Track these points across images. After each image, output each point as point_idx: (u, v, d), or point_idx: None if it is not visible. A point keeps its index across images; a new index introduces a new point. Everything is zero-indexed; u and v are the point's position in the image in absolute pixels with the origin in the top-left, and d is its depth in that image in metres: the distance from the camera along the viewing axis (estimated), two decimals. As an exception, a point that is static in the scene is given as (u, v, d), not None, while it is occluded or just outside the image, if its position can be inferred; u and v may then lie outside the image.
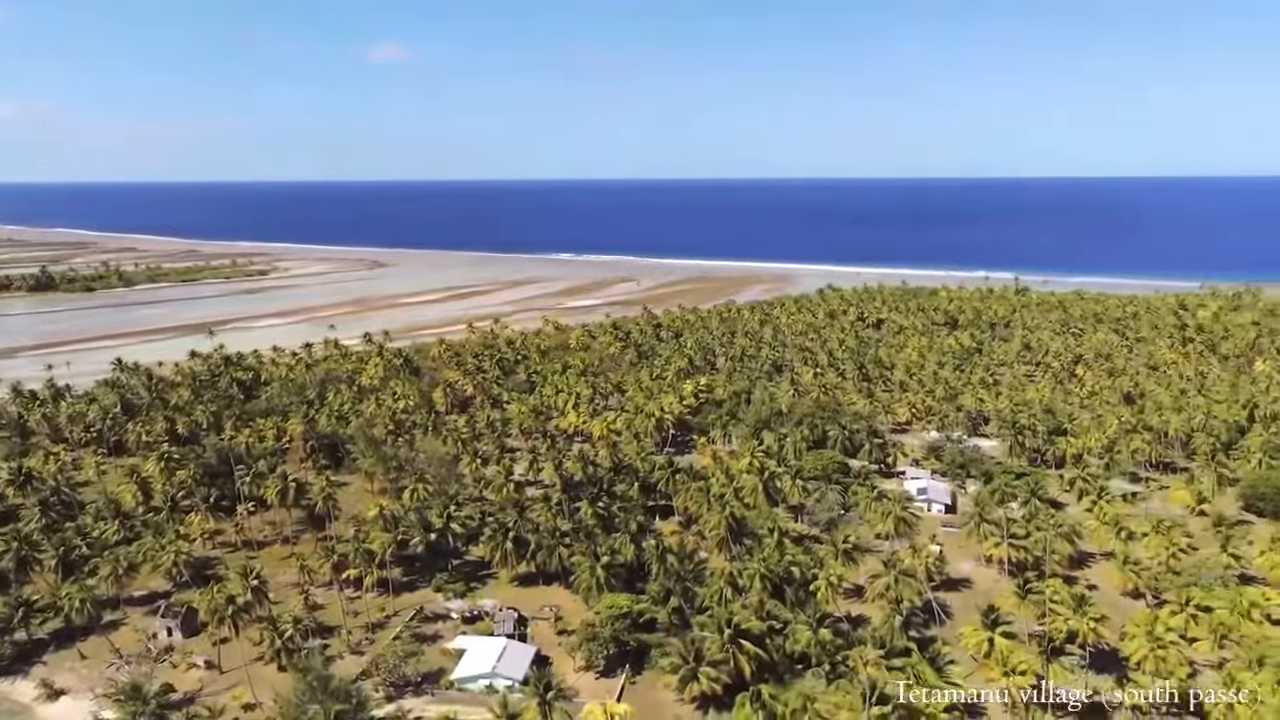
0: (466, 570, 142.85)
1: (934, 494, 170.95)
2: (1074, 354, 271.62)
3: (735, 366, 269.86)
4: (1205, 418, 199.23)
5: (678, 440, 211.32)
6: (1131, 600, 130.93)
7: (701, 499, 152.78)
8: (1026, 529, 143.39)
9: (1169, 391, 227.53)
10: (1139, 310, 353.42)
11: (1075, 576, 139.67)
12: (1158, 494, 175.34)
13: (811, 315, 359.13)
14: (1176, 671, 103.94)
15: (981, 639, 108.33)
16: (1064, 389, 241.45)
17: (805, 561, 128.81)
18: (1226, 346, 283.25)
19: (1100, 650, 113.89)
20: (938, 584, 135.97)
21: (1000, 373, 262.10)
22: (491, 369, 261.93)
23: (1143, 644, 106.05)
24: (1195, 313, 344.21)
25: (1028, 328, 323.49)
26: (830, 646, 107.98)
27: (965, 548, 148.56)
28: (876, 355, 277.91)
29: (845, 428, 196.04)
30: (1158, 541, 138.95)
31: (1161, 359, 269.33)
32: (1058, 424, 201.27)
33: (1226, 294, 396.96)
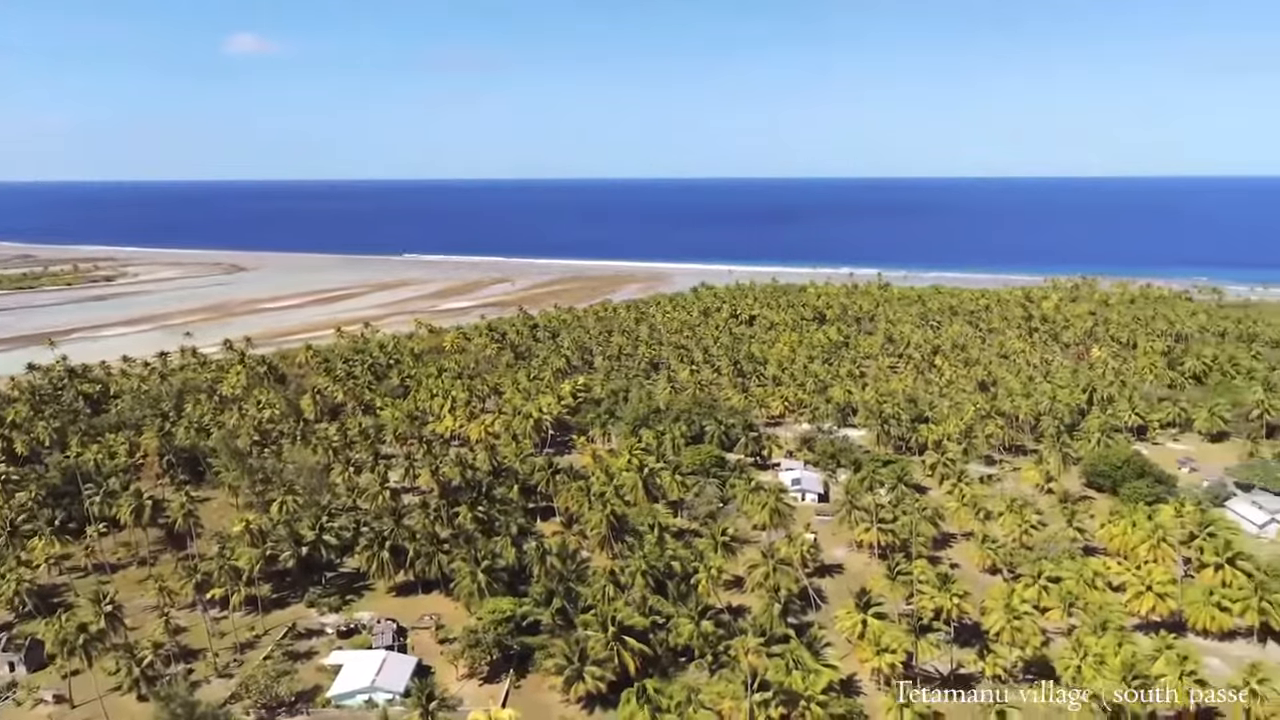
0: (341, 583, 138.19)
1: (807, 484, 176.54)
2: (933, 345, 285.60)
3: (613, 365, 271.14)
4: (1051, 402, 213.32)
5: (557, 440, 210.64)
6: (990, 576, 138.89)
7: (582, 498, 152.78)
8: (894, 514, 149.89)
9: (1018, 378, 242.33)
10: (990, 303, 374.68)
11: (939, 556, 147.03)
12: (1010, 475, 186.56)
13: (686, 313, 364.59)
14: (1031, 640, 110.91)
15: (855, 621, 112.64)
16: (924, 379, 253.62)
17: (686, 555, 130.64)
18: (1067, 335, 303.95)
19: (964, 624, 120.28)
20: (813, 571, 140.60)
21: (866, 365, 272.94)
22: (363, 374, 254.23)
23: (1001, 616, 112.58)
24: (1039, 304, 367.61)
25: (890, 321, 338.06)
26: (712, 638, 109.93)
27: (838, 534, 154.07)
28: (750, 351, 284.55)
29: (722, 423, 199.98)
30: (1012, 520, 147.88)
31: (1011, 348, 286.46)
32: (920, 412, 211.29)
33: (1066, 286, 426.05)
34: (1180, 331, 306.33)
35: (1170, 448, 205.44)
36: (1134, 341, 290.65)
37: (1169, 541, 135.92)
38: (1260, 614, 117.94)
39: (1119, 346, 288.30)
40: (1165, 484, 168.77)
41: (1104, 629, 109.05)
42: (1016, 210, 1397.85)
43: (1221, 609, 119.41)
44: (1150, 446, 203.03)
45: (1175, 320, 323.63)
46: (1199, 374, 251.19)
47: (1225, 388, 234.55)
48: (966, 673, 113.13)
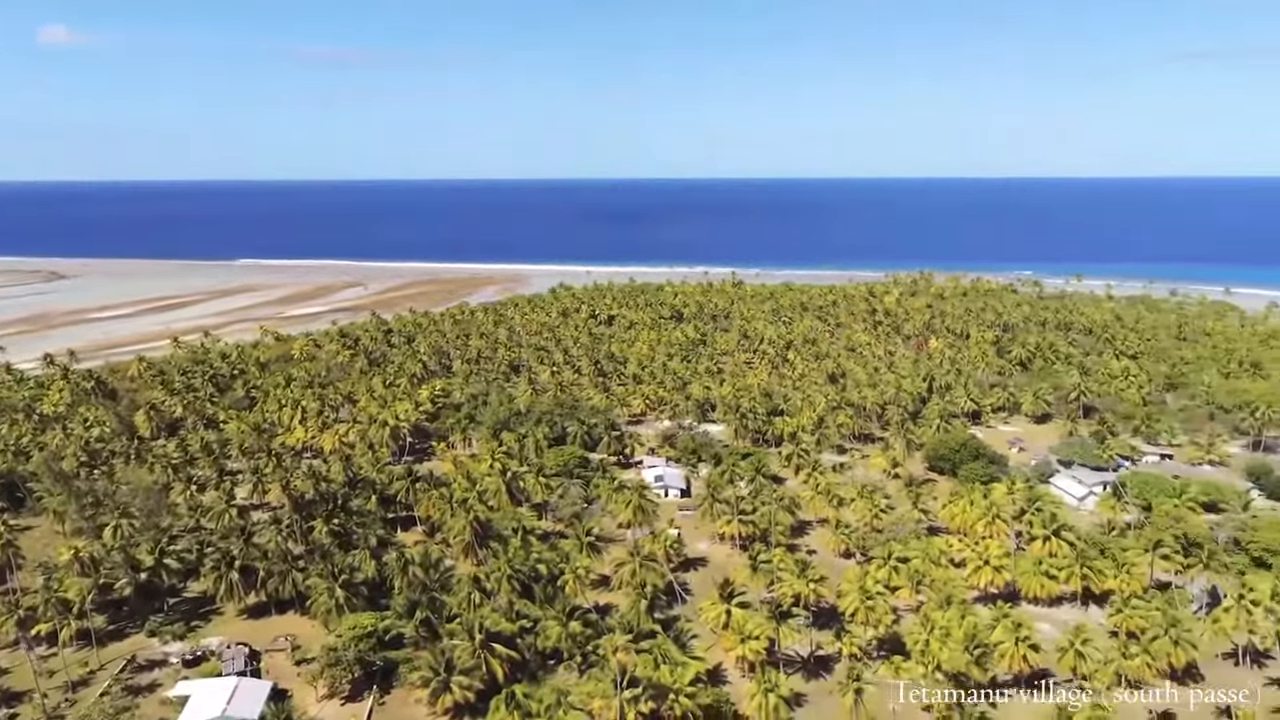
0: (186, 609, 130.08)
1: (670, 480, 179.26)
2: (785, 341, 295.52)
3: (472, 369, 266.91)
4: (895, 392, 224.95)
5: (416, 448, 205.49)
6: (844, 560, 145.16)
7: (444, 505, 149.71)
8: (753, 505, 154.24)
9: (865, 370, 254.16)
10: (837, 299, 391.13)
11: (797, 544, 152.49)
12: (860, 462, 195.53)
13: (545, 314, 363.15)
14: (884, 619, 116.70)
15: (720, 611, 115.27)
16: (779, 373, 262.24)
17: (552, 557, 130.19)
18: (908, 328, 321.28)
19: (822, 608, 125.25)
20: (678, 565, 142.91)
21: (723, 361, 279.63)
22: (204, 386, 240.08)
23: (855, 598, 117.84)
24: (882, 299, 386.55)
25: (745, 318, 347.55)
26: (581, 638, 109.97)
27: (701, 528, 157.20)
28: (610, 350, 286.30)
29: (584, 423, 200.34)
30: (863, 505, 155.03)
31: (858, 341, 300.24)
32: (775, 406, 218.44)
33: (906, 282, 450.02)
34: (1007, 322, 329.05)
35: (1001, 430, 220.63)
36: (967, 332, 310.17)
37: (1002, 518, 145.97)
38: (1082, 580, 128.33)
39: (954, 337, 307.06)
40: (998, 464, 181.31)
41: (948, 603, 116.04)
42: (861, 209, 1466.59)
43: (1050, 577, 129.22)
44: (984, 429, 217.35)
45: (1002, 311, 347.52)
46: (1024, 361, 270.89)
47: (1047, 373, 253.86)
48: (825, 654, 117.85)
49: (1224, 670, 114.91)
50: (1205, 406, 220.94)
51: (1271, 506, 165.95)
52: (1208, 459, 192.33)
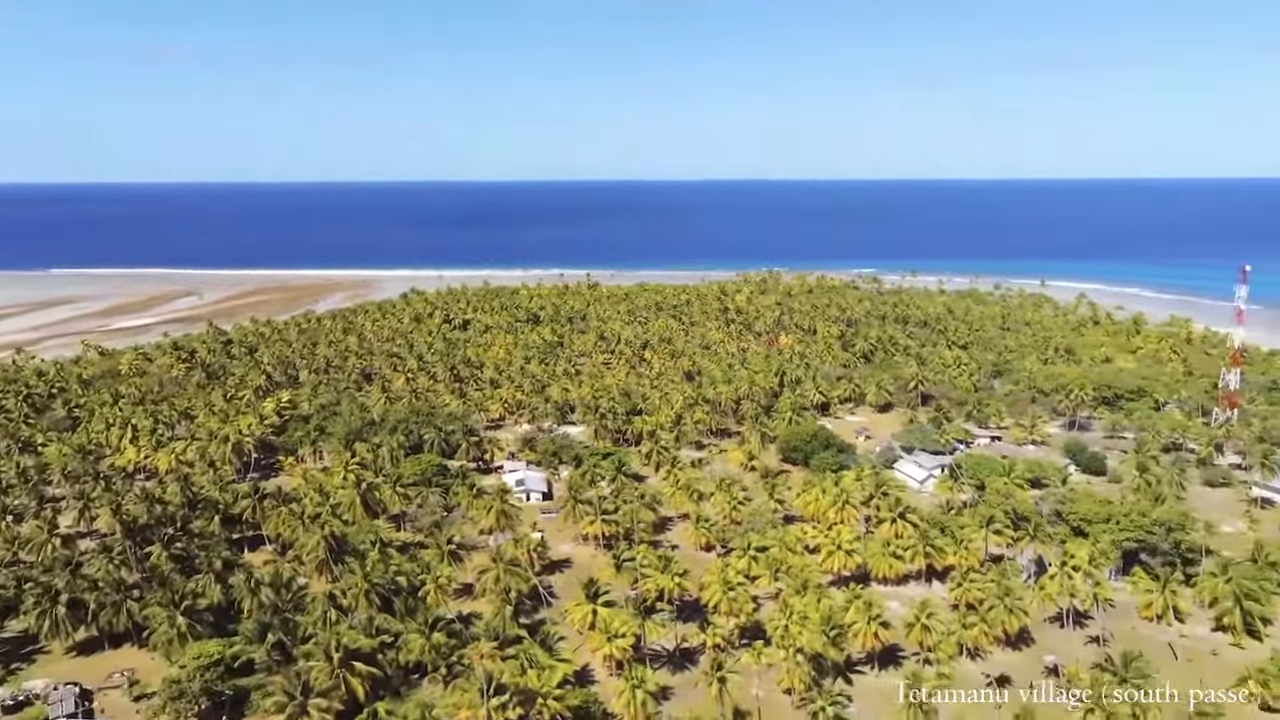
0: (5, 650, 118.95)
1: (531, 483, 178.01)
2: (642, 340, 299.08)
3: (320, 379, 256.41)
4: (749, 387, 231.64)
5: (262, 464, 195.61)
6: (706, 553, 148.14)
7: (295, 522, 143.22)
8: (615, 504, 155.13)
9: (720, 367, 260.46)
10: (691, 298, 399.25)
11: (660, 540, 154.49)
12: (718, 456, 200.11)
13: (397, 320, 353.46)
14: (745, 608, 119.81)
15: (585, 612, 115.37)
16: (636, 373, 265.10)
17: (412, 569, 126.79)
18: (759, 325, 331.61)
19: (686, 601, 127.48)
20: (542, 568, 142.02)
21: (581, 363, 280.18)
22: (18, 407, 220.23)
23: (717, 590, 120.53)
24: (734, 298, 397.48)
25: (601, 319, 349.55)
26: (445, 649, 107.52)
27: (564, 530, 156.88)
28: (466, 355, 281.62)
29: (441, 429, 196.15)
30: (722, 498, 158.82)
31: (712, 339, 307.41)
32: (634, 405, 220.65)
33: (755, 280, 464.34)
34: (850, 317, 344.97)
35: (848, 420, 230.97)
36: (814, 328, 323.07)
37: (852, 504, 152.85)
38: (926, 558, 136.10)
39: (802, 333, 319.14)
40: (847, 453, 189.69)
41: (805, 589, 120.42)
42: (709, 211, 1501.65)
43: (897, 557, 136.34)
44: (833, 420, 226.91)
45: (846, 307, 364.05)
46: (867, 353, 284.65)
47: (888, 364, 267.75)
48: (691, 646, 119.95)
49: (1051, 632, 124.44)
50: (1027, 391, 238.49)
51: (1086, 480, 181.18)
52: (1031, 439, 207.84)
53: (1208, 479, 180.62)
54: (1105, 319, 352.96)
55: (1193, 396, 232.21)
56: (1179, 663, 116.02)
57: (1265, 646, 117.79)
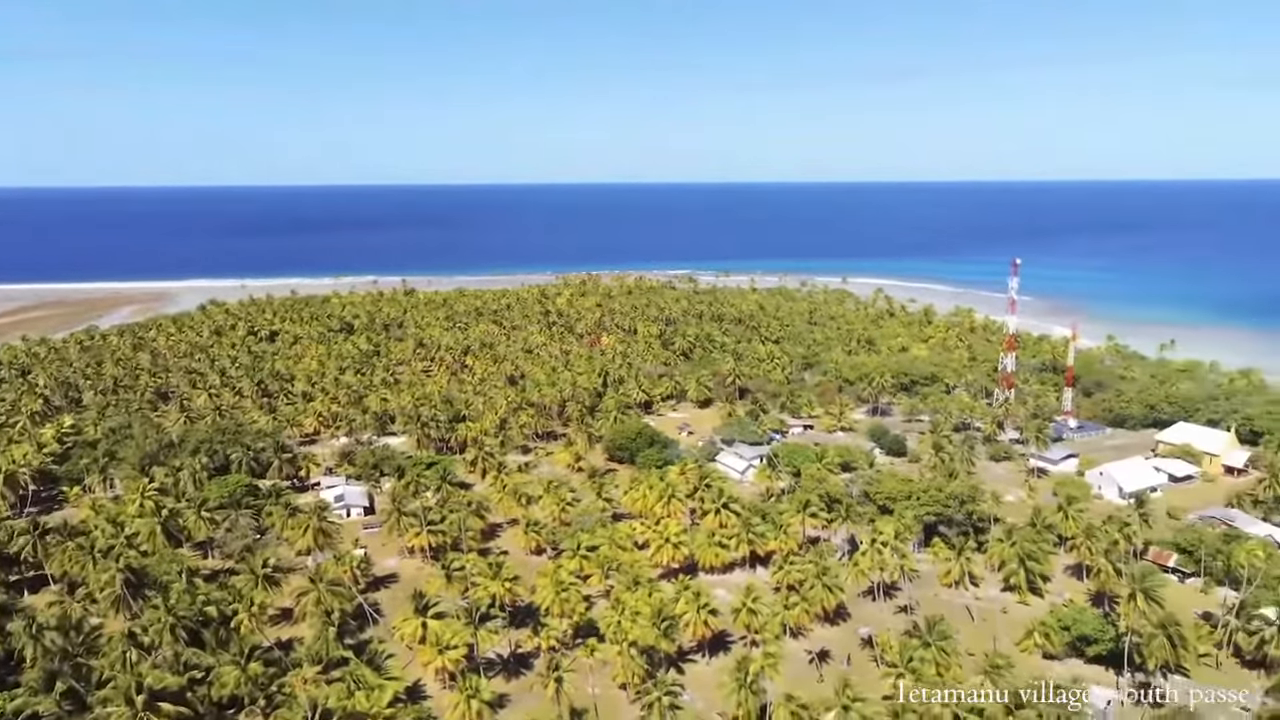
0: None
1: (351, 499, 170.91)
2: (463, 346, 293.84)
3: (109, 400, 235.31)
4: (572, 389, 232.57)
5: (42, 496, 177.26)
6: (537, 556, 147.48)
7: (84, 558, 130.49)
8: (442, 513, 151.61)
9: (543, 370, 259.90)
10: (511, 302, 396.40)
11: (490, 547, 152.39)
12: (545, 459, 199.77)
13: (196, 334, 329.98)
14: (577, 608, 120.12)
15: (415, 626, 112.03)
16: (458, 379, 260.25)
17: (222, 597, 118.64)
18: (580, 326, 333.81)
19: (519, 606, 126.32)
20: (366, 586, 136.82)
21: (400, 371, 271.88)
22: None
23: (549, 592, 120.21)
24: (554, 301, 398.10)
25: (419, 326, 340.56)
26: (263, 679, 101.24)
27: (389, 544, 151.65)
28: (274, 368, 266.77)
29: (249, 448, 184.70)
30: (550, 500, 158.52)
31: (534, 342, 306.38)
32: (457, 412, 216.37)
33: (575, 283, 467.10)
34: (669, 316, 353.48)
35: (671, 416, 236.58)
36: (634, 328, 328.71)
37: (678, 498, 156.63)
38: (749, 545, 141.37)
39: (623, 333, 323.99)
40: (670, 448, 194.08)
41: (636, 584, 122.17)
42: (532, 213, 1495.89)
43: (722, 546, 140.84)
44: (656, 418, 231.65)
45: (664, 307, 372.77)
46: (686, 351, 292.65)
47: (706, 360, 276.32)
48: (525, 651, 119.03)
49: (865, 605, 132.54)
50: (835, 381, 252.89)
51: (890, 461, 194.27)
52: (840, 426, 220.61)
53: (992, 454, 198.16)
54: (900, 311, 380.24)
55: (977, 380, 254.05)
56: (975, 623, 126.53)
57: (1045, 602, 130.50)
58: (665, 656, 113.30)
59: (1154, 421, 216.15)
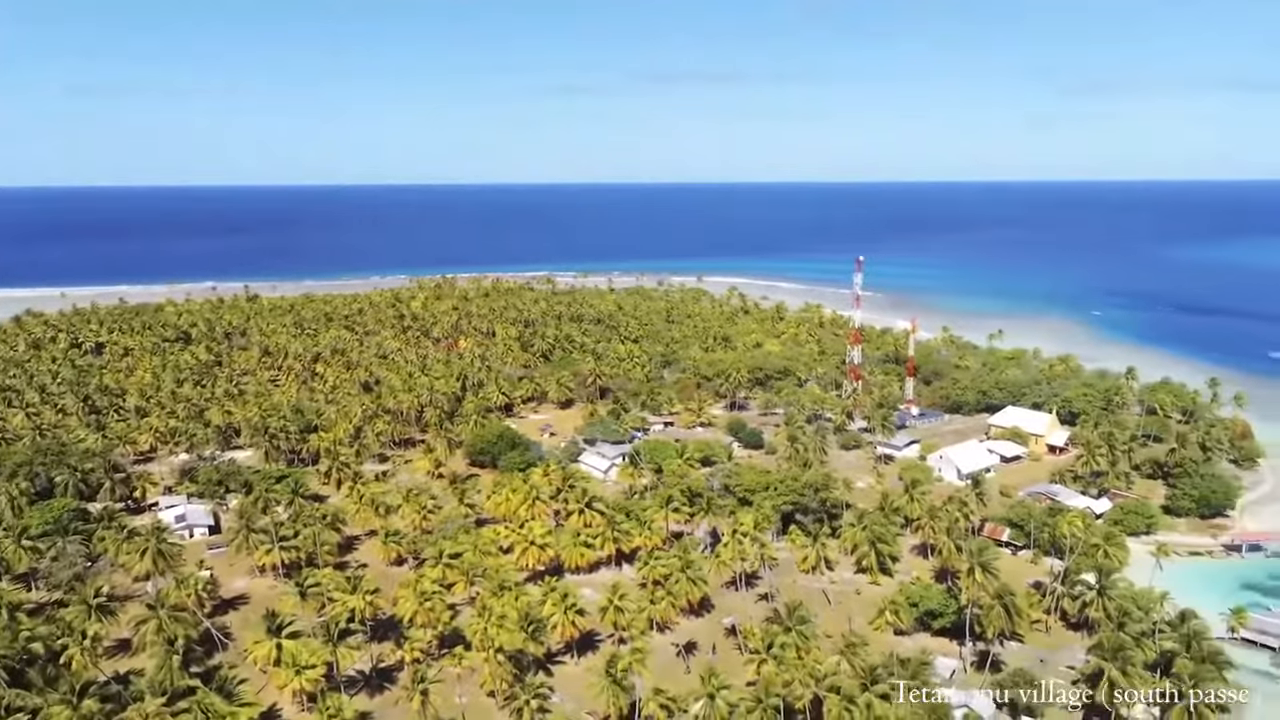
0: None
1: (193, 518, 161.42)
2: (313, 353, 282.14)
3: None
4: (430, 394, 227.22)
5: None
6: (398, 567, 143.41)
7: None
8: (294, 529, 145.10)
9: (399, 375, 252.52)
10: (363, 306, 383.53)
11: (347, 560, 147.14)
12: (404, 467, 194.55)
13: (10, 348, 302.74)
14: (442, 617, 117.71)
15: (268, 648, 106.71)
16: (309, 388, 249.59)
17: (49, 632, 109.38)
18: (437, 330, 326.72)
19: (380, 620, 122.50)
20: (214, 609, 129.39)
21: (245, 381, 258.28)
22: None
23: (412, 602, 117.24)
24: (409, 304, 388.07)
25: (264, 333, 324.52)
26: (100, 716, 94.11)
27: (237, 564, 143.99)
28: (102, 382, 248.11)
29: (76, 469, 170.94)
30: (410, 509, 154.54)
31: (389, 347, 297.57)
32: (308, 422, 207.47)
33: (430, 286, 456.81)
34: (528, 318, 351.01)
35: (533, 418, 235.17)
36: (493, 330, 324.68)
37: (542, 500, 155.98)
38: (614, 543, 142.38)
39: (481, 336, 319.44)
40: (533, 450, 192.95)
41: (502, 589, 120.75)
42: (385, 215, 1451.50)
43: (587, 546, 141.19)
44: (517, 420, 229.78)
45: (523, 308, 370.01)
46: (546, 352, 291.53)
47: (567, 361, 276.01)
48: (389, 665, 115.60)
49: (728, 596, 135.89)
50: (693, 377, 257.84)
51: (748, 454, 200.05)
52: (699, 421, 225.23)
53: (843, 443, 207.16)
54: (754, 309, 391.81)
55: (827, 372, 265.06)
56: (832, 605, 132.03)
57: (895, 581, 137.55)
58: (534, 660, 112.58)
59: (986, 406, 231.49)
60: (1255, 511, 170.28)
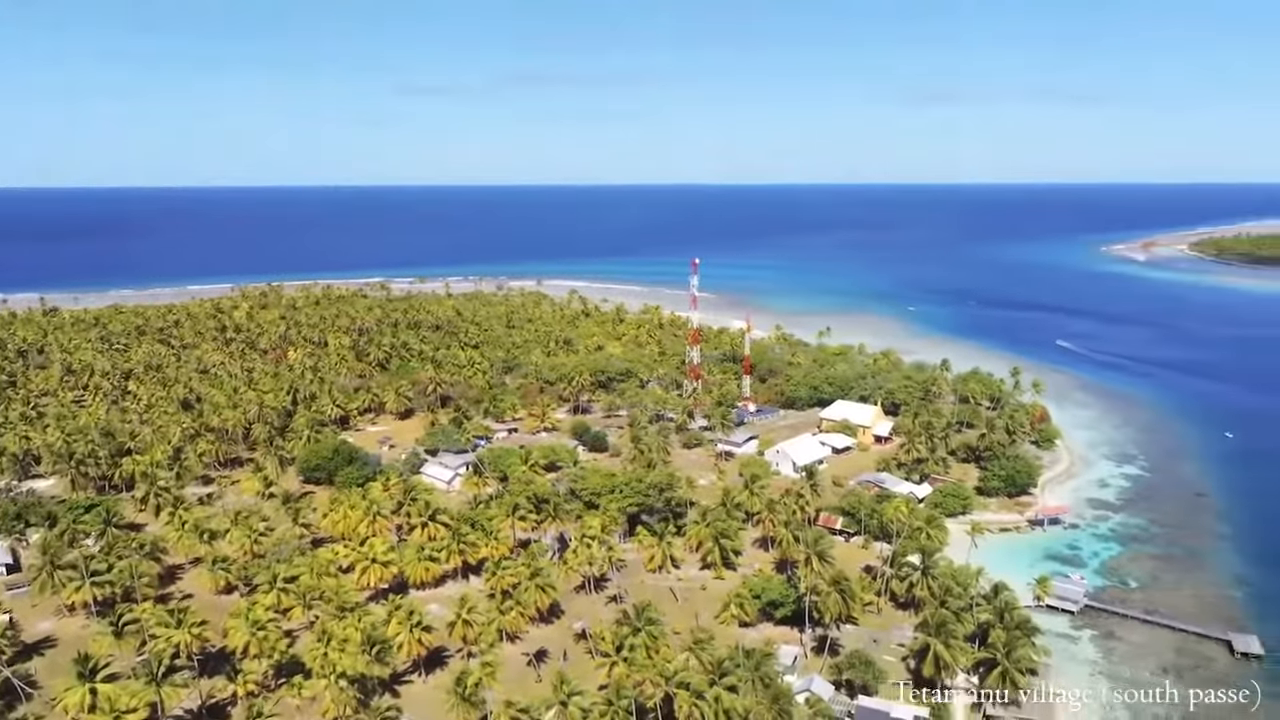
0: None
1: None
2: (123, 370, 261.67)
3: None
4: (258, 409, 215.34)
5: None
6: (227, 596, 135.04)
7: None
8: (108, 561, 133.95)
9: (223, 391, 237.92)
10: (180, 318, 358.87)
11: (170, 592, 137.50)
12: (231, 489, 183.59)
13: None
14: (278, 646, 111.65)
15: (80, 694, 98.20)
16: (120, 407, 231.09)
17: None
18: (263, 341, 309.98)
19: (210, 653, 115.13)
20: (14, 655, 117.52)
21: (44, 403, 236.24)
22: None
23: (244, 633, 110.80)
24: (231, 315, 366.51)
25: (66, 350, 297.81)
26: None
27: (41, 604, 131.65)
28: None
29: None
30: (239, 533, 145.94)
31: (210, 361, 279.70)
32: (120, 445, 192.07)
33: (255, 295, 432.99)
34: (362, 326, 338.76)
35: (370, 431, 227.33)
36: (324, 340, 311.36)
37: (382, 515, 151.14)
38: (460, 555, 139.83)
39: (312, 346, 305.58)
40: (372, 464, 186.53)
41: (343, 611, 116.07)
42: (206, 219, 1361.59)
43: (432, 560, 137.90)
44: (354, 433, 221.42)
45: (356, 316, 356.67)
46: (382, 361, 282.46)
47: (405, 370, 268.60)
48: (221, 700, 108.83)
49: (578, 600, 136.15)
50: (536, 382, 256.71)
51: (593, 457, 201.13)
52: (544, 426, 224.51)
53: (685, 441, 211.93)
54: (595, 311, 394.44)
55: (668, 373, 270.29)
56: (680, 602, 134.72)
57: (738, 575, 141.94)
58: (379, 682, 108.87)
59: (818, 401, 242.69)
60: (1054, 488, 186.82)
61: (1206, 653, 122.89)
